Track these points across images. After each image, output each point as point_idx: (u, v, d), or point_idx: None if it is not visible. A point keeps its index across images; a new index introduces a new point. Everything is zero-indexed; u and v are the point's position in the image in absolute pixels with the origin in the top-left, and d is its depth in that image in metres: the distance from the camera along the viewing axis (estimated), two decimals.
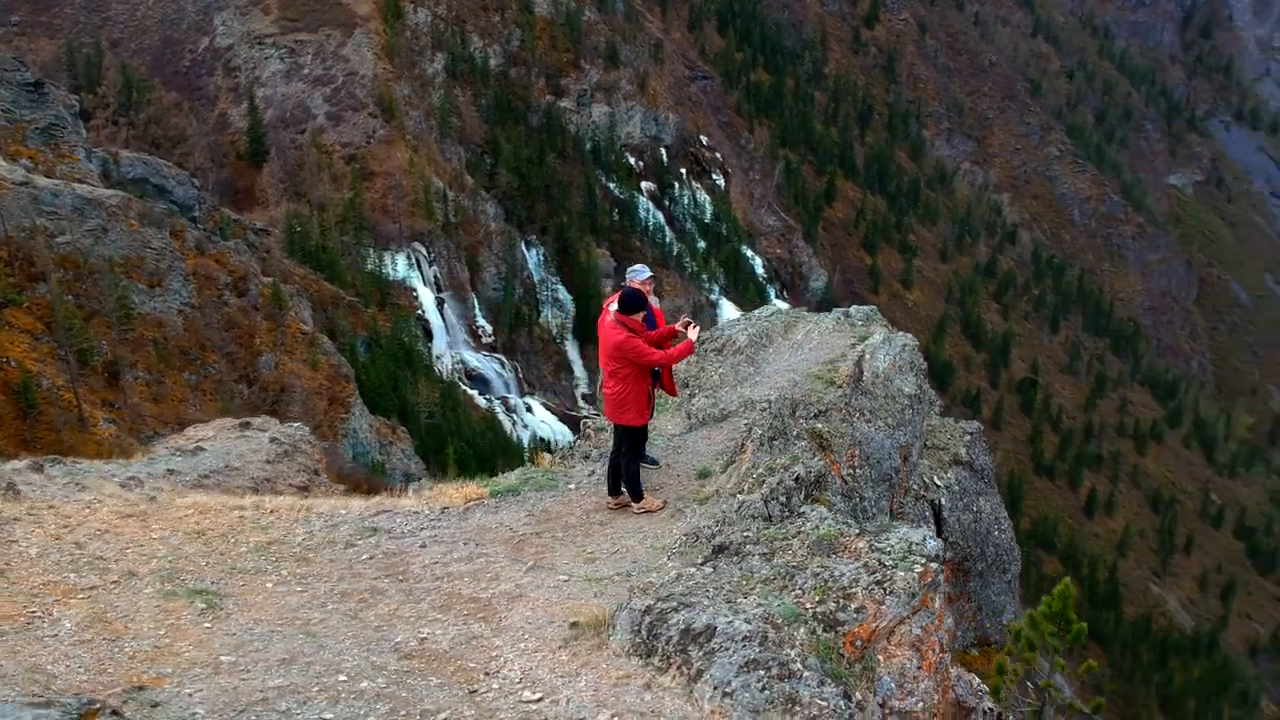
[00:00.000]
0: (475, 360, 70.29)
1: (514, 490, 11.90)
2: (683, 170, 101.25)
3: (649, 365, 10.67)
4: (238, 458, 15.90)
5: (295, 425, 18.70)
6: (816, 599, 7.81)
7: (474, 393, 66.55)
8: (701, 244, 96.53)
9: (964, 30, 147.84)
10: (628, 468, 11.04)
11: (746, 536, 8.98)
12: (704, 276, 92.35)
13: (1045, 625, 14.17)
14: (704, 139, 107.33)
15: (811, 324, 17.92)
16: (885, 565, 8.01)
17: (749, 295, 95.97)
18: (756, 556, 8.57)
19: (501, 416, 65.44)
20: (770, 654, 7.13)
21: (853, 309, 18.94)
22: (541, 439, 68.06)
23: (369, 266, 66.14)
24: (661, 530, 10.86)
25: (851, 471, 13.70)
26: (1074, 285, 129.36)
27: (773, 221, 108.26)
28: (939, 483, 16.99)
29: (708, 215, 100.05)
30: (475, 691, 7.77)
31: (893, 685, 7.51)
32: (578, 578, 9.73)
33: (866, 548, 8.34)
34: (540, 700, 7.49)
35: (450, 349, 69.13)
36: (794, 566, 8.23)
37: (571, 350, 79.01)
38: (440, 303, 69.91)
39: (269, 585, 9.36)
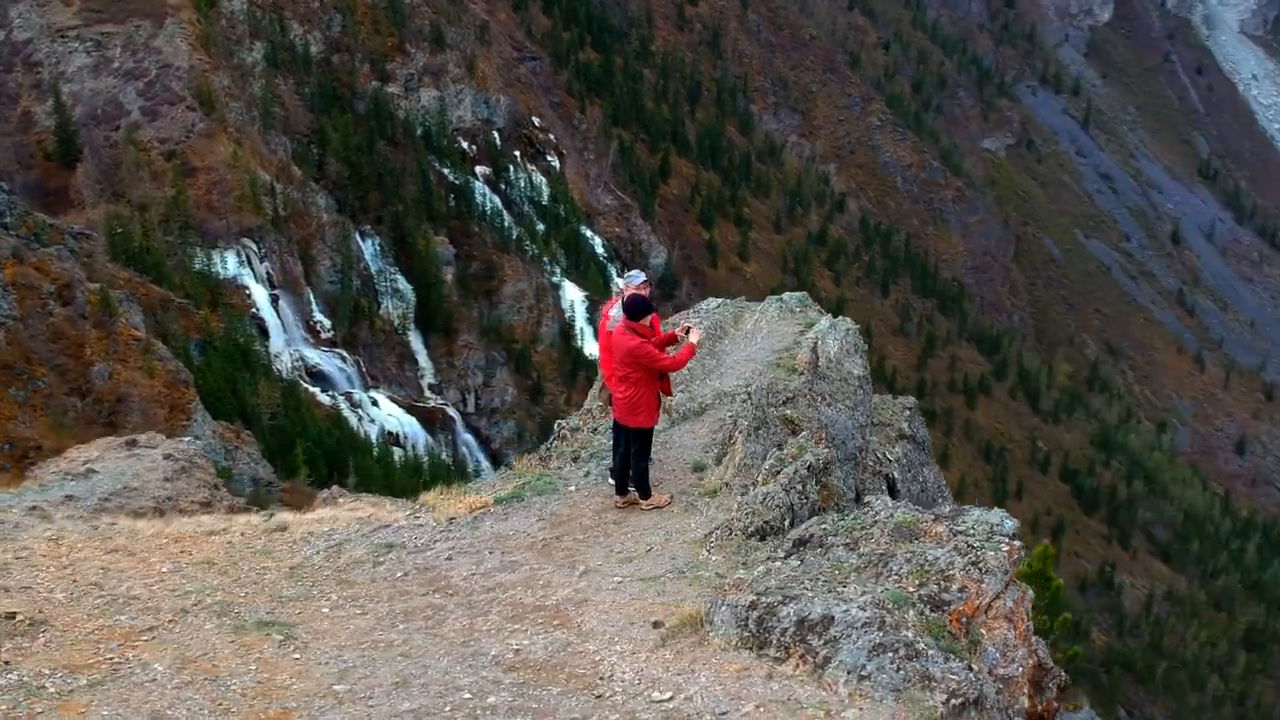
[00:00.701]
0: (315, 357, 68.46)
1: (517, 496, 11.98)
2: (517, 153, 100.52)
3: (660, 370, 11.01)
4: (134, 477, 15.13)
5: (187, 440, 18.15)
6: (917, 582, 8.19)
7: (316, 390, 64.88)
8: (540, 226, 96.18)
9: (784, 5, 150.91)
10: (637, 466, 11.31)
11: (824, 529, 9.23)
12: (545, 259, 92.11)
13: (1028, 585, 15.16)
14: (536, 120, 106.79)
15: (758, 313, 18.35)
16: (974, 547, 8.42)
17: (591, 276, 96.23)
18: (840, 547, 8.87)
19: (347, 413, 64.03)
20: (892, 637, 7.51)
21: (786, 295, 19.48)
22: (390, 433, 66.92)
23: (197, 266, 63.57)
24: (679, 526, 11.12)
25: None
26: (901, 250, 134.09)
27: (610, 201, 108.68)
28: (890, 457, 17.84)
29: (545, 197, 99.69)
30: (602, 696, 7.87)
31: (997, 655, 7.95)
32: (630, 578, 9.88)
33: (947, 531, 8.72)
34: (672, 699, 7.62)
35: (288, 347, 67.14)
36: (881, 554, 8.56)
37: (415, 341, 77.82)
38: (275, 299, 67.75)
39: (326, 610, 9.29)
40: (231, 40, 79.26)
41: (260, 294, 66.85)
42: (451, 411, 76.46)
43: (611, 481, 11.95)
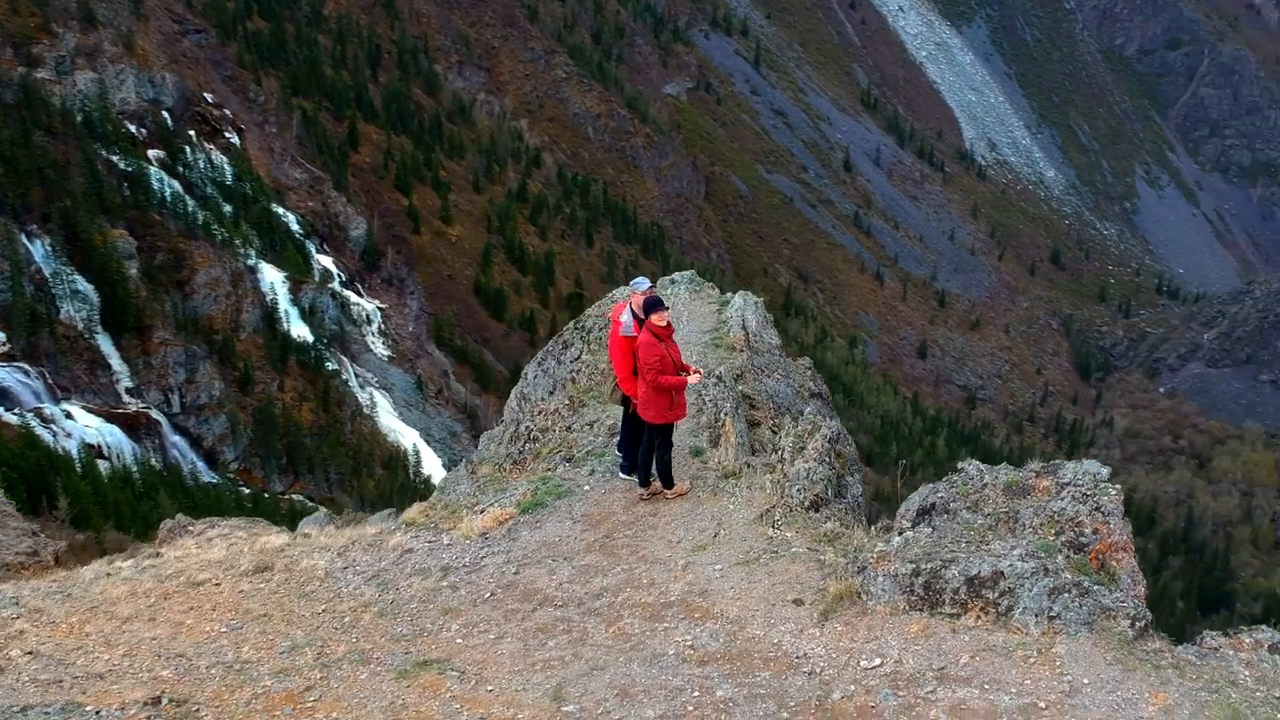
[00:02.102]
0: None
1: (540, 503, 12.10)
2: (192, 132, 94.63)
3: (650, 382, 11.49)
4: None
5: None
6: (1054, 531, 9.07)
7: (0, 410, 59.35)
8: (228, 208, 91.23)
9: None
10: (661, 459, 11.88)
11: (940, 498, 9.75)
12: (237, 242, 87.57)
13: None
14: (209, 97, 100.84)
15: (674, 297, 18.56)
16: (1089, 495, 9.29)
17: (289, 255, 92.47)
18: (964, 510, 9.52)
19: (39, 430, 58.94)
20: (1060, 580, 8.45)
21: (677, 275, 20.08)
22: (92, 445, 62.20)
23: None
24: (718, 509, 11.51)
25: (775, 421, 14.82)
26: (600, 199, 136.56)
27: (299, 175, 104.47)
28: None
29: (228, 177, 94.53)
30: (813, 673, 8.25)
31: (1129, 581, 8.99)
32: (725, 564, 10.19)
33: (1054, 485, 9.53)
34: (881, 664, 8.17)
35: None
36: (1005, 512, 9.36)
37: (105, 344, 72.31)
38: None
39: (459, 641, 9.27)
40: None
41: None
42: (155, 414, 71.85)
43: (623, 476, 12.52)
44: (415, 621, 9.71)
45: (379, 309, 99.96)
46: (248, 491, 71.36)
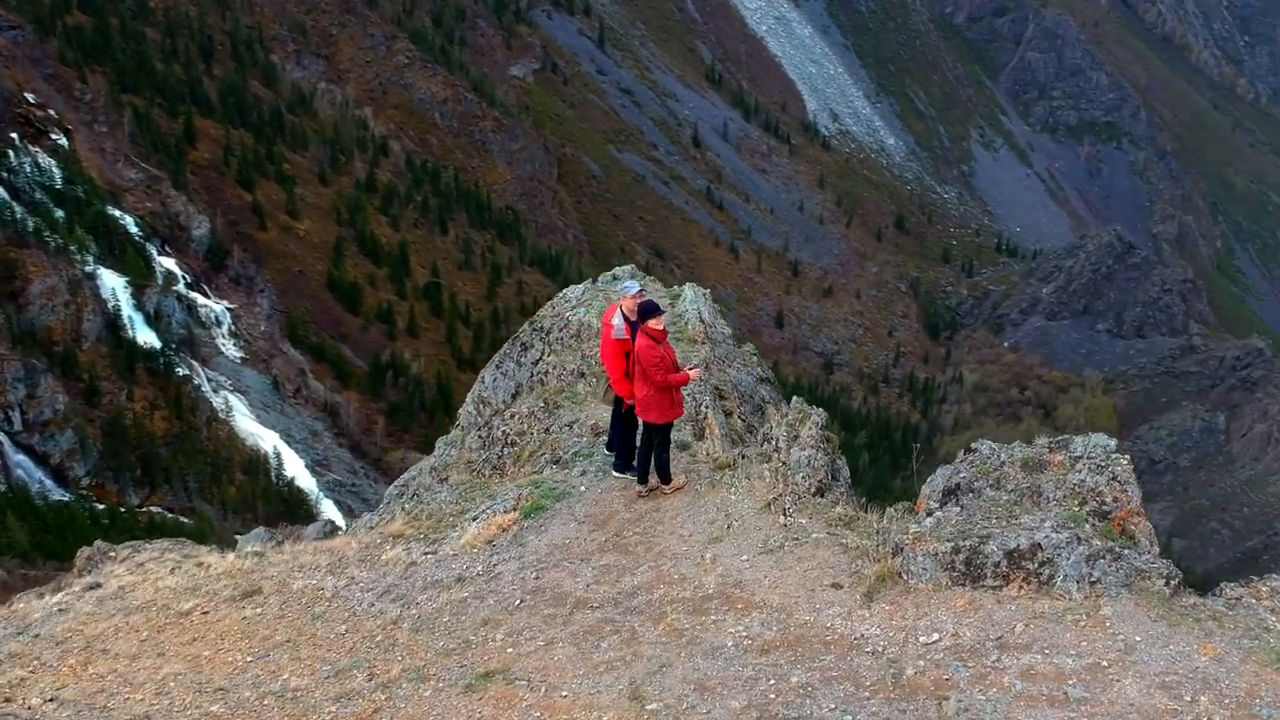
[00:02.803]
0: None
1: (540, 507, 12.18)
2: (14, 135, 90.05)
3: (655, 381, 11.80)
4: None
5: None
6: (1078, 502, 9.62)
7: None
8: (60, 213, 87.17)
9: None
10: (659, 456, 12.22)
11: (963, 478, 10.18)
12: (72, 248, 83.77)
13: None
14: (30, 97, 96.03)
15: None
16: (1103, 466, 9.87)
17: (129, 259, 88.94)
18: (987, 488, 9.99)
19: None
20: (1094, 547, 9.02)
21: (618, 270, 19.97)
22: None
23: None
24: (721, 501, 11.73)
25: (741, 410, 15.28)
26: (451, 186, 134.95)
27: (134, 175, 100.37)
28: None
29: (58, 180, 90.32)
30: (877, 652, 8.46)
31: (1146, 542, 9.63)
32: (749, 554, 10.40)
33: (1067, 459, 10.10)
34: (940, 639, 8.49)
35: None
36: (1027, 487, 9.87)
37: None
38: None
39: (510, 651, 9.24)
40: None
41: None
42: None
43: (616, 475, 12.84)
44: (455, 634, 9.65)
45: (228, 309, 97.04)
46: (102, 508, 68.81)
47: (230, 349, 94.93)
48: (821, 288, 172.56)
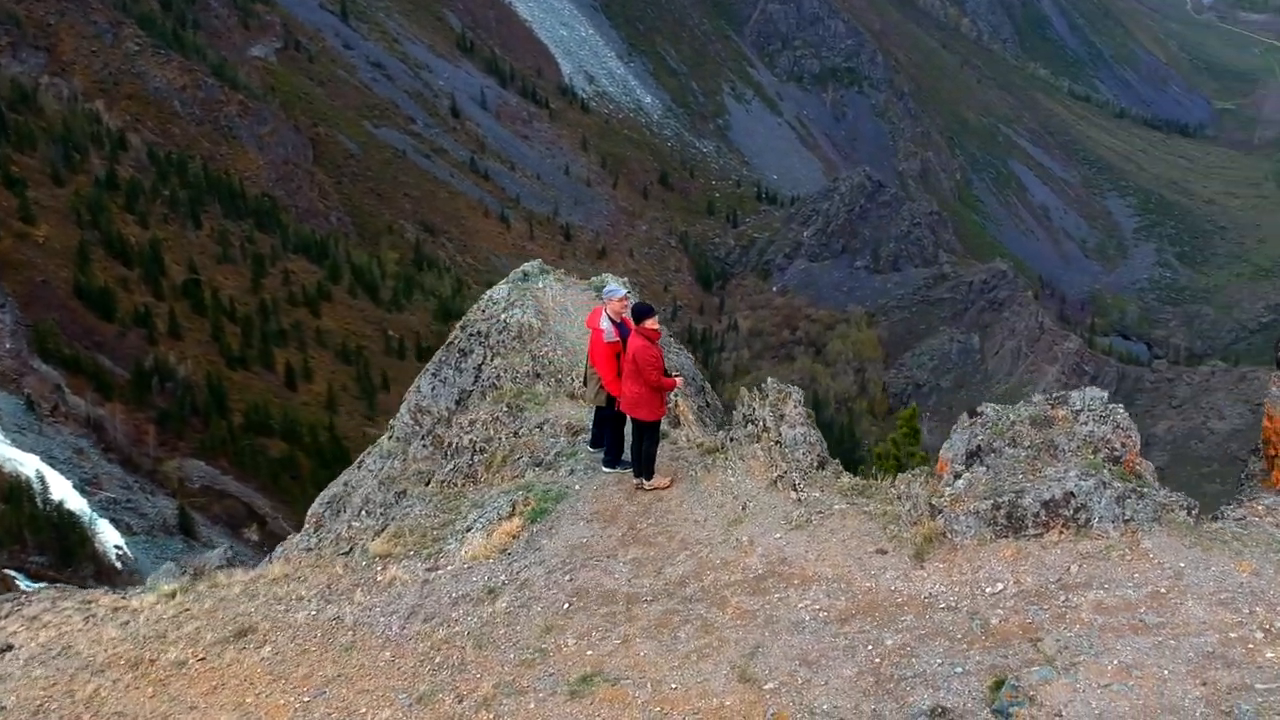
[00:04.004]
0: None
1: (543, 511, 12.16)
2: None
3: (649, 381, 12.21)
4: None
5: None
6: (1091, 451, 10.38)
7: None
8: None
9: None
10: (647, 451, 12.56)
11: (982, 440, 10.83)
12: None
13: (905, 443, 18.58)
14: None
15: (546, 290, 18.74)
16: (1105, 416, 10.68)
17: None
18: (1006, 447, 10.69)
19: None
20: (1120, 489, 9.85)
21: (528, 266, 20.14)
22: None
23: None
24: (723, 483, 11.94)
25: (687, 390, 15.70)
26: (200, 176, 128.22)
27: None
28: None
29: None
30: (952, 606, 8.94)
31: (1152, 479, 10.48)
32: (779, 532, 10.61)
33: (1069, 413, 10.88)
34: (1004, 588, 9.09)
35: None
36: (1041, 441, 10.61)
37: None
38: None
39: (589, 653, 9.19)
40: None
41: None
42: None
43: (606, 471, 13.16)
44: (523, 645, 9.50)
45: None
46: None
47: None
48: (595, 249, 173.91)
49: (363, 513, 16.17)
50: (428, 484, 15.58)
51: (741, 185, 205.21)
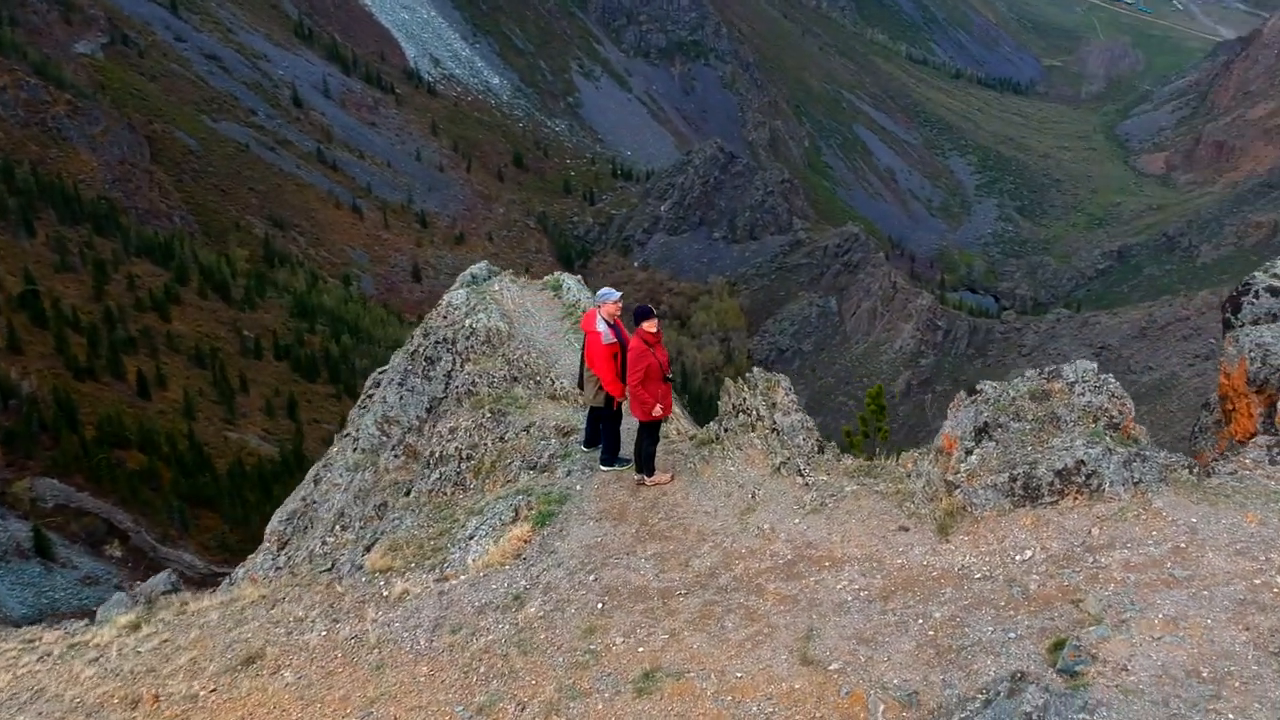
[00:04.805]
0: None
1: (550, 514, 12.06)
2: None
3: (630, 380, 12.43)
4: None
5: None
6: (1090, 420, 10.91)
7: None
8: None
9: None
10: (648, 449, 12.67)
11: (987, 417, 11.23)
12: None
13: (874, 417, 19.77)
14: None
15: (504, 292, 18.69)
16: (1098, 386, 11.22)
17: None
18: (1011, 422, 11.15)
19: None
20: (1124, 453, 10.43)
21: (474, 268, 20.44)
22: None
23: None
24: (724, 472, 12.04)
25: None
26: (30, 181, 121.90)
27: None
28: None
29: None
30: (988, 576, 9.20)
31: (1147, 442, 10.95)
32: (797, 517, 10.89)
33: (1064, 385, 11.39)
34: (1032, 554, 9.41)
35: None
36: (1044, 416, 11.10)
37: None
38: None
39: (641, 650, 9.20)
40: None
41: None
42: None
43: (604, 469, 13.16)
44: (569, 648, 9.39)
45: None
46: None
47: None
48: (453, 235, 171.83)
49: (337, 527, 15.74)
50: (408, 494, 15.26)
51: (596, 163, 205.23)
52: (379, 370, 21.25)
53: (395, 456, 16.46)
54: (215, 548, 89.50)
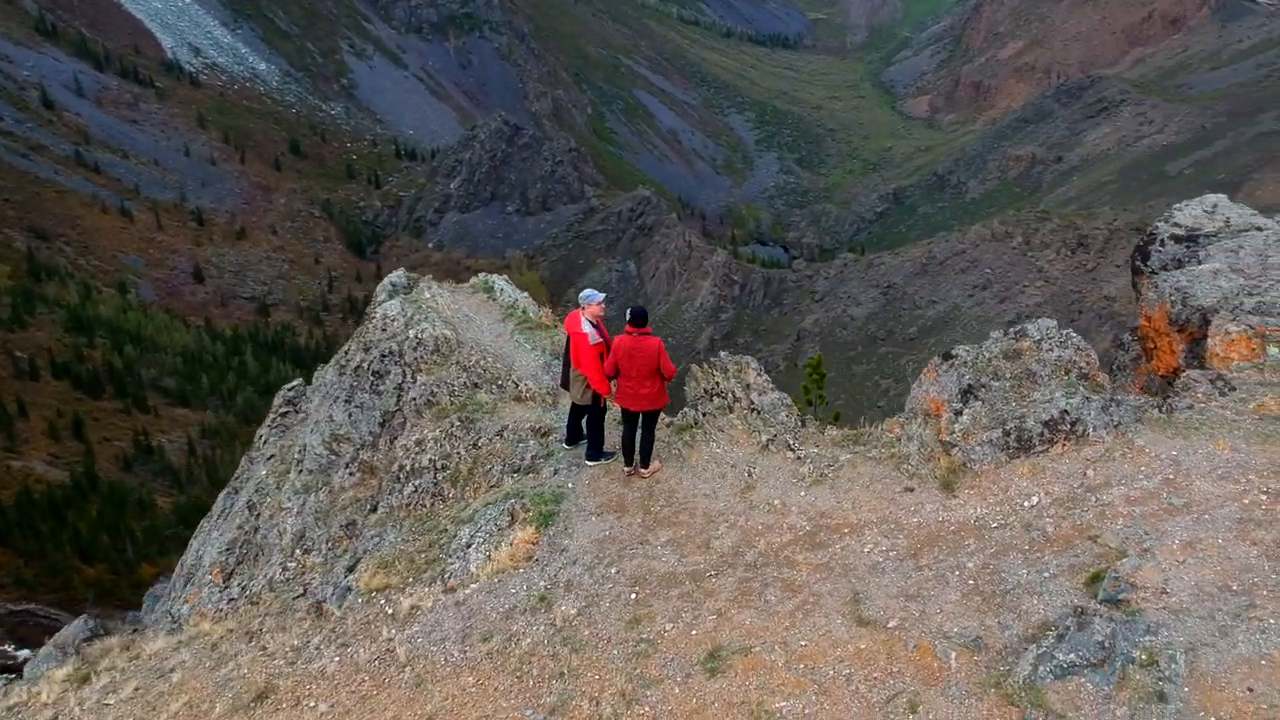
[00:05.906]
0: None
1: (551, 514, 11.98)
2: None
3: (669, 372, 12.66)
4: None
5: None
6: (1064, 372, 11.74)
7: None
8: None
9: None
10: (645, 440, 12.80)
11: (970, 379, 11.95)
12: None
13: (815, 385, 21.11)
14: None
15: (438, 299, 18.14)
16: (1064, 342, 12.09)
17: None
18: (992, 381, 11.92)
19: None
20: (1101, 400, 11.25)
21: (392, 277, 19.67)
22: None
23: None
24: (712, 454, 12.34)
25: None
26: None
27: None
28: None
29: None
30: (1005, 525, 9.62)
31: (1110, 388, 11.92)
32: (802, 490, 11.20)
33: (1033, 344, 12.18)
34: (1038, 500, 9.90)
35: None
36: (1021, 373, 11.89)
37: None
38: None
39: (694, 633, 9.33)
40: None
41: None
42: None
43: (590, 464, 13.19)
44: (618, 640, 9.33)
45: None
46: None
47: None
48: (233, 231, 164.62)
49: (298, 551, 15.02)
50: (374, 510, 14.84)
51: (378, 144, 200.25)
52: (288, 387, 20.44)
53: (351, 474, 15.97)
54: (11, 584, 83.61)
